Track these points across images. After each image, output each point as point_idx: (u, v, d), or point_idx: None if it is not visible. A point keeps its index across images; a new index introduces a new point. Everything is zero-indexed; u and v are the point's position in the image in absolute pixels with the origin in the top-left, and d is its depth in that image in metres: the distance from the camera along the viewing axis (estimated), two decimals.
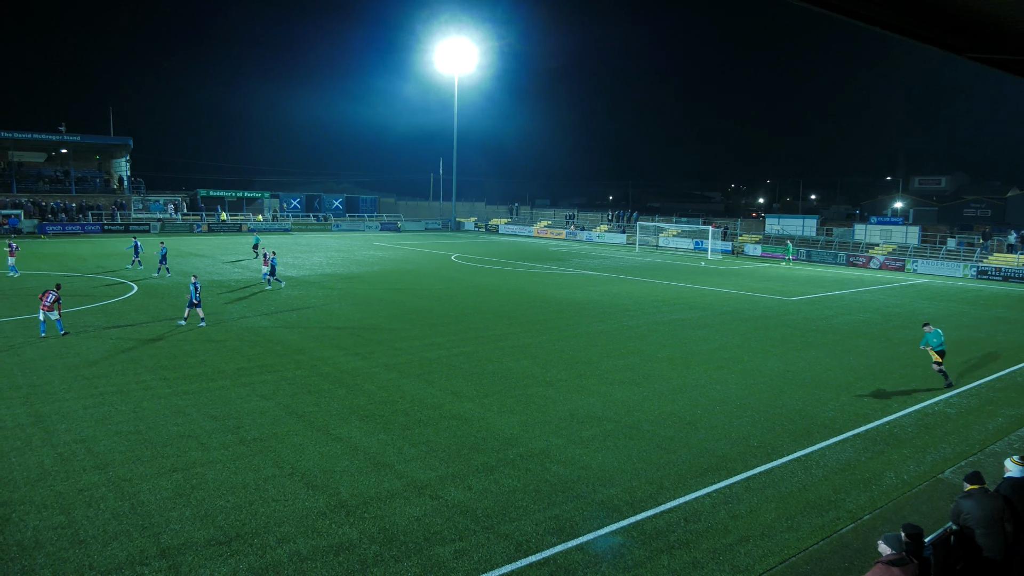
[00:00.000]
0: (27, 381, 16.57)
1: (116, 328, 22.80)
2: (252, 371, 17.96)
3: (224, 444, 12.86)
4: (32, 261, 42.43)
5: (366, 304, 28.91)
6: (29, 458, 12.00)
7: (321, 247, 58.07)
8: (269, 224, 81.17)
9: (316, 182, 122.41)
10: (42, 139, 72.89)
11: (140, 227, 71.12)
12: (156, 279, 34.88)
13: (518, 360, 19.80)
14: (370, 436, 13.44)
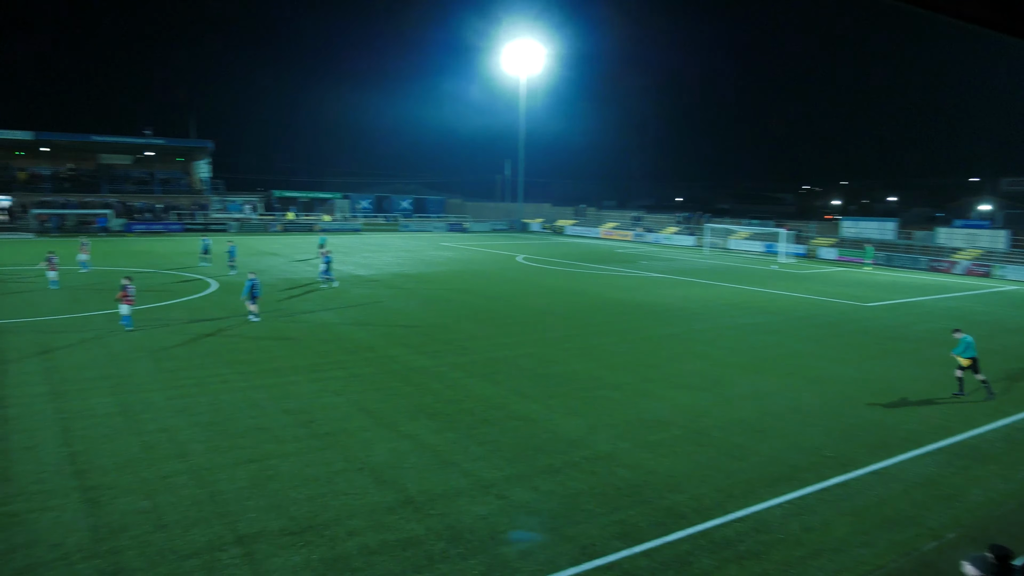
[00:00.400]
0: (115, 372, 17.41)
1: (196, 323, 23.73)
2: (324, 367, 18.42)
3: (297, 437, 13.24)
4: (120, 258, 44.58)
5: (433, 303, 29.27)
6: (117, 445, 12.61)
7: (390, 247, 59.07)
8: (341, 224, 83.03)
9: (385, 183, 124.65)
10: (129, 142, 76.49)
11: (219, 227, 73.78)
12: (234, 277, 36.16)
13: (583, 362, 19.73)
14: (437, 434, 13.61)
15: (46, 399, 15.14)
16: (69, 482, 11.03)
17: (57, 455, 12.08)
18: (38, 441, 12.71)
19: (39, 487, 10.81)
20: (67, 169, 78.91)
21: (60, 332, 21.83)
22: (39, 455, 12.06)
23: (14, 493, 10.57)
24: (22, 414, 14.12)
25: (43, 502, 10.31)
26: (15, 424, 13.54)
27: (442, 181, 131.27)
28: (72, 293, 29.37)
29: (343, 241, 64.45)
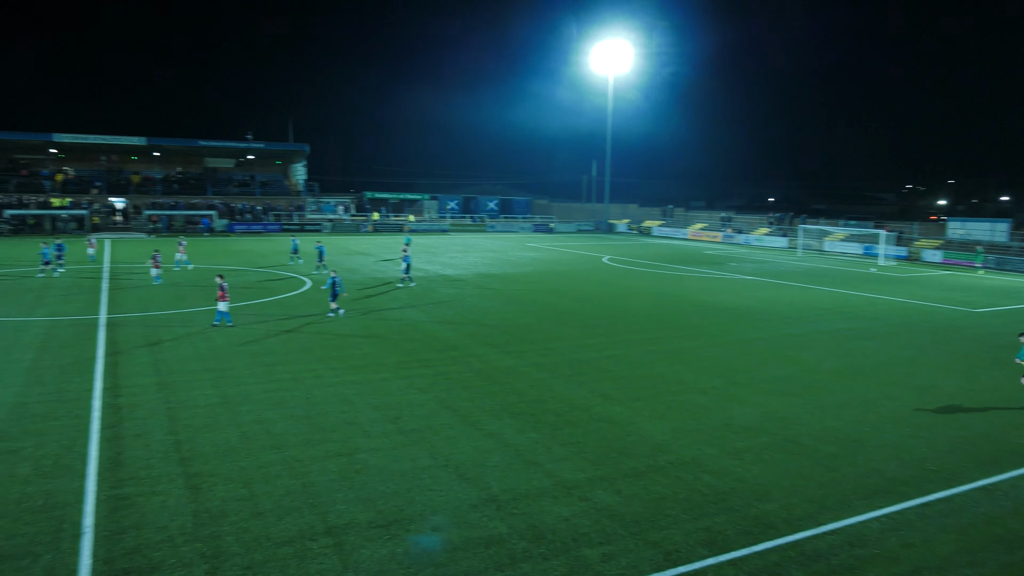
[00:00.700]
0: (217, 365, 18.31)
1: (291, 320, 24.67)
2: (411, 365, 18.80)
3: (384, 433, 13.56)
4: (222, 257, 46.86)
5: (518, 304, 29.41)
6: (217, 435, 13.26)
7: (476, 247, 59.72)
8: (428, 225, 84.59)
9: (473, 184, 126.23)
10: (232, 147, 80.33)
11: (314, 227, 76.47)
12: (325, 276, 37.38)
13: (669, 365, 19.39)
14: (521, 434, 13.66)
15: (154, 389, 16.07)
16: (174, 468, 11.67)
17: (164, 443, 12.81)
18: (147, 429, 13.50)
19: (147, 472, 11.49)
20: (176, 172, 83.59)
21: (166, 326, 23.13)
22: (148, 442, 12.82)
23: (126, 477, 11.27)
24: (133, 403, 15.05)
25: (151, 486, 10.95)
26: (127, 412, 14.44)
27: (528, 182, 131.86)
28: (176, 290, 31.06)
29: (430, 241, 65.62)
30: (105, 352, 19.46)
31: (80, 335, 21.57)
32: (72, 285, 32.35)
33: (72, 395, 15.49)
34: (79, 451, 12.29)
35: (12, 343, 20.29)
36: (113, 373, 17.35)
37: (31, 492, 10.65)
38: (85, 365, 18.03)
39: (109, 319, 24.22)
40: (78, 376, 16.99)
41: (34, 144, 75.26)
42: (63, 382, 16.49)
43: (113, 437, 13.01)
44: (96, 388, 16.03)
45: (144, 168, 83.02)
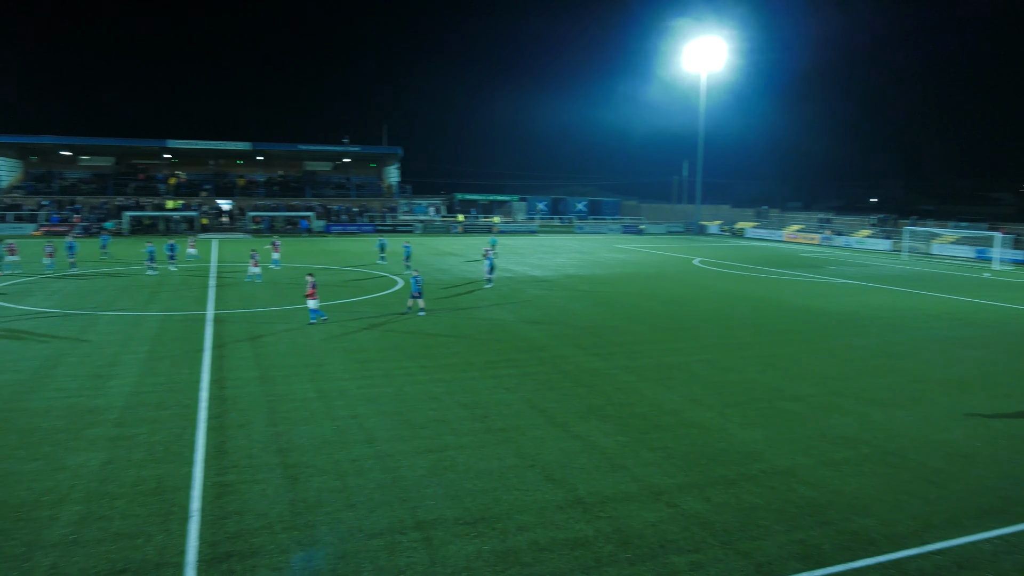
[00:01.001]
0: (314, 361, 19.01)
1: (384, 318, 25.33)
2: (499, 365, 18.96)
3: (472, 431, 13.73)
4: (319, 257, 48.61)
5: (606, 305, 29.20)
6: (313, 428, 13.76)
7: (564, 249, 59.65)
8: (517, 226, 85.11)
9: (561, 186, 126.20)
10: (329, 150, 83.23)
11: (406, 228, 78.26)
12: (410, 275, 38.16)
13: (763, 371, 18.80)
14: (608, 436, 13.56)
15: (256, 382, 16.84)
16: (273, 459, 12.19)
17: (264, 434, 13.40)
18: (249, 420, 14.16)
19: (249, 461, 12.04)
20: (277, 175, 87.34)
21: (267, 322, 24.18)
22: (250, 432, 13.44)
23: (229, 465, 11.86)
24: (237, 395, 15.81)
25: (252, 475, 11.47)
26: (232, 403, 15.19)
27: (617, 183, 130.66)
28: (276, 288, 32.41)
29: (518, 242, 65.99)
30: (212, 346, 20.53)
31: (189, 329, 22.84)
32: (182, 283, 34.29)
33: (182, 386, 16.43)
34: (188, 439, 13.02)
35: (130, 336, 21.69)
36: (219, 366, 18.28)
37: (145, 476, 11.36)
38: (194, 358, 19.08)
39: (216, 315, 25.54)
40: (187, 368, 18.00)
41: (150, 150, 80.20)
42: (174, 373, 17.51)
43: (218, 427, 13.71)
44: (203, 380, 16.95)
45: (248, 172, 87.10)
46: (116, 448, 12.52)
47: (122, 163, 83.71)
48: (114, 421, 13.93)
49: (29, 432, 13.25)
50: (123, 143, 77.51)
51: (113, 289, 31.58)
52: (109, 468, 11.64)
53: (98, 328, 22.83)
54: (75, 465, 11.75)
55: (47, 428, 13.48)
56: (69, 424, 13.71)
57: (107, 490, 10.82)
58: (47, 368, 17.80)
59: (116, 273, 37.44)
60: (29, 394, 15.61)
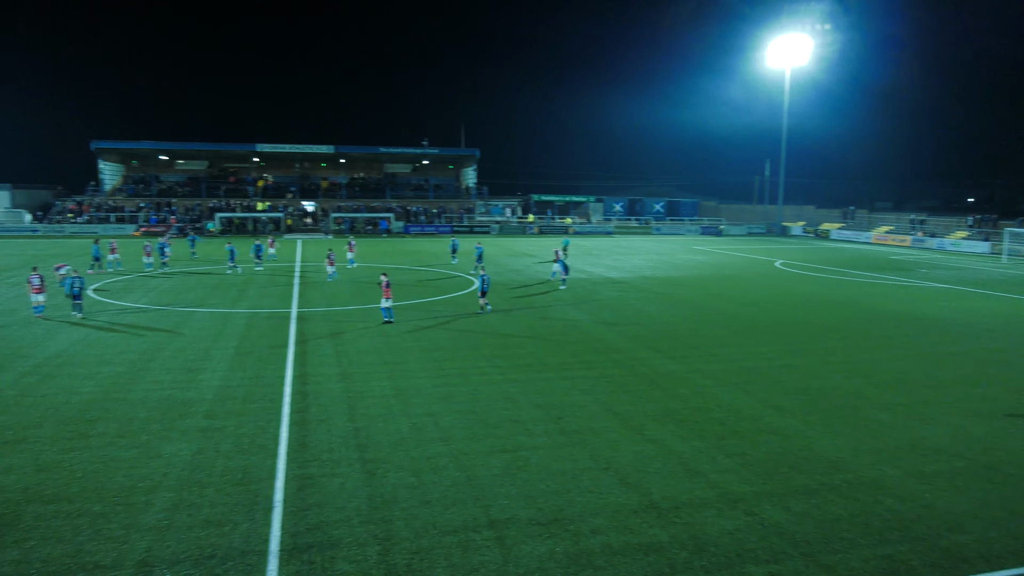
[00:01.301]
0: (391, 359, 19.41)
1: (460, 318, 25.62)
2: (573, 366, 18.90)
3: (547, 432, 13.73)
4: (397, 257, 49.60)
5: (683, 308, 28.72)
6: (391, 424, 14.05)
7: (641, 250, 59.00)
8: (593, 227, 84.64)
9: (638, 186, 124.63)
10: (409, 152, 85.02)
11: (482, 229, 78.96)
12: (491, 276, 38.45)
13: (848, 377, 18.10)
14: (683, 441, 13.32)
15: (336, 379, 17.32)
16: (352, 454, 12.50)
17: (344, 429, 13.76)
18: (330, 415, 14.58)
19: (329, 455, 12.40)
20: (359, 177, 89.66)
21: (347, 320, 24.83)
22: (330, 427, 13.83)
23: (310, 459, 12.24)
24: (319, 391, 16.30)
25: (332, 469, 11.80)
26: (313, 399, 15.67)
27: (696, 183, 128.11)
28: (356, 287, 33.23)
29: (594, 243, 65.62)
30: (295, 342, 21.24)
31: (275, 327, 23.69)
32: (268, 282, 35.61)
33: (267, 381, 17.06)
34: (272, 432, 13.50)
35: (219, 332, 22.67)
36: (302, 362, 18.89)
37: (232, 466, 11.85)
38: (278, 354, 19.78)
39: (299, 312, 26.41)
40: (272, 364, 18.68)
41: (240, 154, 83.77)
42: (260, 369, 18.19)
43: (300, 421, 14.17)
44: (287, 375, 17.55)
45: (331, 174, 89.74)
46: (206, 439, 13.11)
47: (215, 167, 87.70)
48: (204, 413, 14.59)
49: (128, 421, 14.03)
50: (216, 147, 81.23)
51: (204, 287, 33.08)
52: (199, 458, 12.20)
53: (191, 324, 23.95)
54: (168, 454, 12.36)
55: (144, 418, 14.23)
56: (163, 415, 14.44)
57: (197, 479, 11.33)
58: (144, 361, 18.79)
59: (207, 272, 39.21)
60: (128, 385, 16.52)
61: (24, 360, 18.79)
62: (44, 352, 19.72)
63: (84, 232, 69.09)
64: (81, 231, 70.10)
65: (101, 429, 13.58)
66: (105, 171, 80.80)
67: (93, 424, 13.85)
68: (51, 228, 70.99)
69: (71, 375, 17.37)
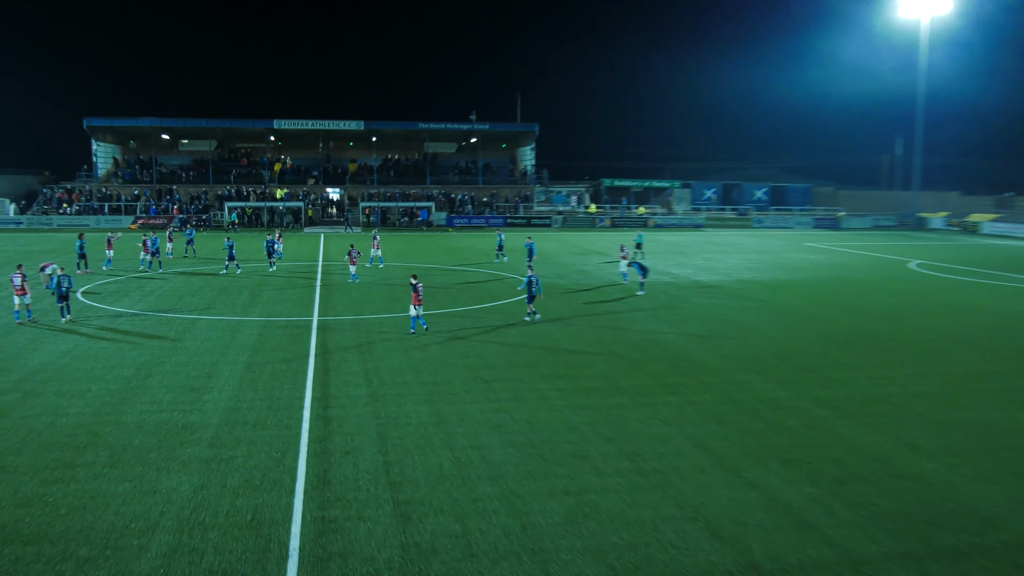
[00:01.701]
0: (431, 378, 19.54)
1: (515, 329, 25.65)
2: (653, 390, 18.71)
3: (620, 471, 13.59)
4: (438, 255, 50.02)
5: (792, 319, 28.21)
6: (429, 458, 14.11)
7: (738, 247, 58.29)
8: (678, 218, 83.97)
9: (735, 168, 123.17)
10: (454, 129, 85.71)
11: (541, 221, 79.14)
12: (553, 279, 38.40)
13: (1004, 409, 17.46)
14: (792, 486, 13.03)
15: (365, 402, 17.50)
16: (383, 493, 12.59)
17: (373, 462, 13.88)
18: (356, 445, 14.73)
19: (355, 495, 12.51)
20: (393, 159, 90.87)
21: (378, 331, 25.11)
22: (357, 460, 13.97)
23: (333, 498, 12.37)
24: (343, 416, 16.50)
25: (359, 511, 11.91)
26: (336, 425, 15.86)
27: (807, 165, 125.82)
28: (390, 291, 33.61)
29: (680, 239, 65.05)
30: (316, 357, 21.57)
31: (292, 338, 24.12)
32: (285, 284, 36.30)
33: (283, 403, 17.35)
34: (288, 465, 13.71)
35: (228, 344, 23.19)
36: (323, 381, 19.17)
37: (240, 505, 12.06)
38: (296, 371, 20.11)
39: (321, 321, 26.83)
40: (289, 382, 19.00)
41: (254, 132, 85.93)
42: (274, 388, 18.52)
43: (322, 452, 14.35)
44: (307, 397, 17.82)
45: (361, 155, 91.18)
46: (210, 471, 13.38)
47: (224, 147, 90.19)
48: (209, 440, 14.91)
49: (120, 449, 14.43)
50: (226, 124, 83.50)
51: (210, 291, 33.93)
52: (203, 494, 12.45)
53: (194, 334, 24.57)
54: (167, 489, 12.65)
55: (139, 445, 14.62)
56: (162, 442, 14.81)
57: (200, 519, 11.57)
58: (140, 378, 19.33)
59: (212, 272, 40.20)
60: (121, 406, 17.01)
61: (3, 375, 19.54)
62: (26, 366, 20.48)
63: (74, 224, 71.85)
64: (71, 223, 72.90)
65: (90, 458, 14.00)
66: (99, 153, 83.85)
67: (81, 451, 14.29)
68: (37, 220, 74.02)
69: (57, 393, 17.99)
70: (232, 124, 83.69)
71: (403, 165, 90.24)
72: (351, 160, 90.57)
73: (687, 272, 41.87)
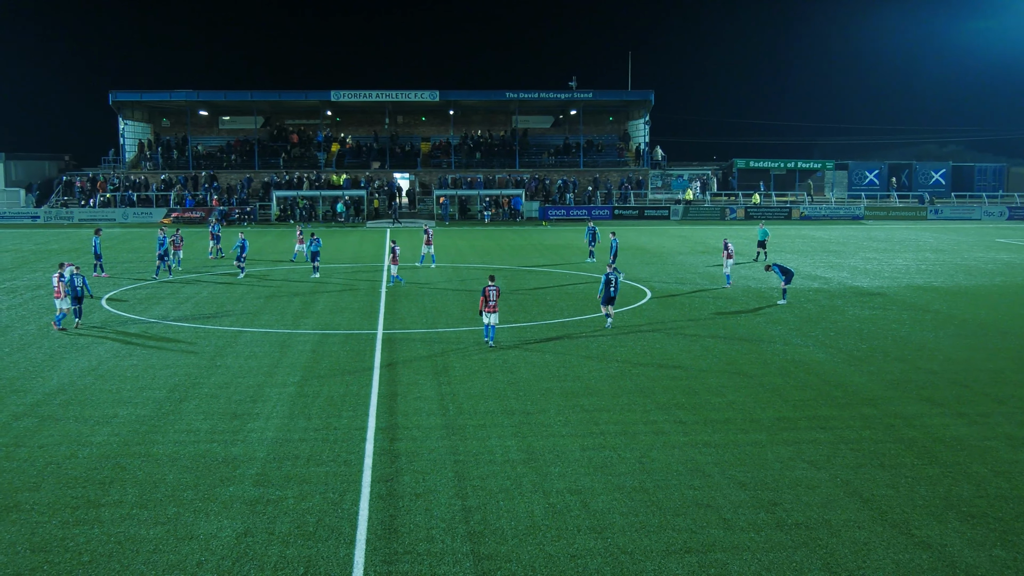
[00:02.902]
0: (520, 407, 19.67)
1: (623, 348, 25.59)
2: (798, 424, 18.44)
3: (754, 525, 13.44)
4: (528, 254, 50.18)
5: (979, 337, 27.51)
6: (518, 504, 14.20)
7: (908, 244, 57.01)
8: (830, 208, 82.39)
9: (905, 145, 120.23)
10: (549, 99, 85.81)
11: (657, 211, 78.66)
12: (672, 284, 38.13)
13: None
14: (977, 549, 12.69)
15: (439, 434, 17.73)
16: (461, 546, 12.73)
17: (449, 508, 14.05)
18: (429, 487, 14.93)
19: (428, 546, 12.69)
20: (475, 137, 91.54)
21: (456, 347, 25.41)
22: (430, 505, 14.16)
23: (401, 550, 12.57)
24: (413, 450, 16.75)
25: (432, 567, 12.07)
26: (406, 462, 16.11)
27: (1000, 139, 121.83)
28: (470, 297, 33.89)
29: (833, 233, 63.79)
30: (380, 379, 21.96)
31: (352, 354, 24.62)
32: (343, 288, 37.04)
33: (341, 434, 17.73)
34: (348, 509, 13.99)
35: (276, 362, 23.83)
36: (390, 408, 19.51)
37: (291, 556, 12.37)
38: (358, 395, 20.52)
39: (386, 335, 27.29)
40: (349, 409, 19.40)
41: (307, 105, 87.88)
42: (331, 416, 18.95)
43: (387, 494, 14.60)
44: (369, 427, 18.16)
45: (436, 132, 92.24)
46: (256, 515, 13.77)
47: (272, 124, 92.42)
48: (254, 478, 15.34)
49: (151, 486, 14.98)
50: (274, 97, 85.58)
51: (256, 296, 34.93)
52: (247, 542, 12.82)
53: (237, 349, 25.34)
54: (205, 535, 13.07)
55: (172, 482, 15.15)
56: (199, 479, 15.31)
57: (243, 572, 11.91)
58: (173, 402, 20.04)
59: (265, 274, 41.28)
60: (152, 435, 17.67)
61: (19, 396, 20.53)
62: (44, 386, 21.46)
63: (98, 219, 74.71)
64: (93, 217, 75.85)
65: (116, 496, 14.58)
66: (127, 134, 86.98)
67: (106, 488, 14.90)
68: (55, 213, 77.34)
69: (79, 418, 18.80)
70: (281, 96, 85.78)
71: (487, 143, 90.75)
72: (423, 138, 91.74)
73: (842, 276, 41.08)
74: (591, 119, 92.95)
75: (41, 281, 38.67)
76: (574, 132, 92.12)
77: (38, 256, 49.22)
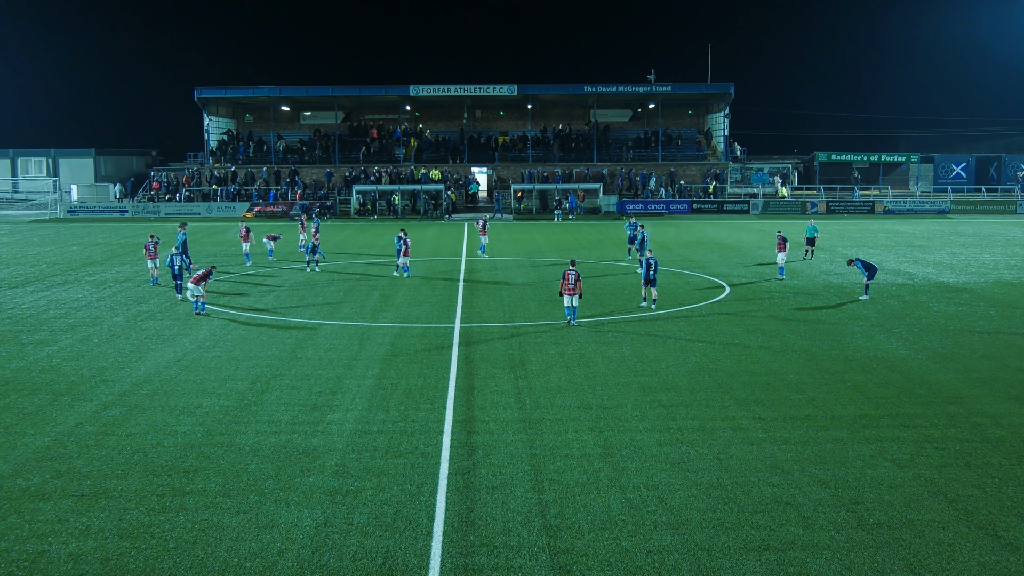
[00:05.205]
0: (597, 401, 19.65)
1: (700, 343, 25.39)
2: (880, 421, 18.14)
3: (835, 523, 13.25)
4: (606, 249, 50.03)
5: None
6: (594, 499, 14.19)
7: (998, 239, 55.74)
8: (914, 202, 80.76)
9: (994, 136, 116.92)
10: (627, 92, 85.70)
11: (737, 206, 77.83)
12: (751, 279, 37.70)
13: None
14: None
15: (516, 427, 17.81)
16: (537, 539, 12.77)
17: (526, 501, 14.10)
18: (506, 480, 15.00)
19: (504, 539, 12.75)
20: (554, 131, 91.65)
21: (534, 341, 25.46)
22: (506, 498, 14.23)
23: (478, 543, 12.65)
24: (490, 444, 16.86)
25: (508, 560, 12.13)
26: (482, 455, 16.21)
27: None
28: (549, 289, 33.93)
29: (918, 228, 62.60)
30: (458, 372, 22.13)
31: (430, 347, 24.85)
32: (422, 282, 37.35)
33: (419, 426, 17.91)
34: (425, 501, 14.13)
35: (355, 355, 24.14)
36: (467, 401, 19.65)
37: (369, 547, 12.53)
38: (435, 389, 20.71)
39: (464, 329, 27.47)
40: (427, 402, 19.59)
41: (387, 100, 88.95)
42: (409, 408, 19.15)
43: (464, 487, 14.71)
44: (447, 419, 18.32)
45: (514, 127, 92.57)
46: (335, 505, 13.98)
47: (353, 119, 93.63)
48: (333, 469, 15.58)
49: (234, 475, 15.30)
50: (355, 92, 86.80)
51: (336, 289, 35.41)
52: (326, 532, 13.03)
53: (317, 342, 25.73)
54: (286, 524, 13.32)
55: (254, 472, 15.45)
56: (280, 468, 15.60)
57: (323, 561, 12.11)
58: (256, 393, 20.44)
59: (342, 269, 41.84)
60: (235, 425, 18.05)
61: (107, 386, 21.13)
62: (132, 376, 22.05)
63: (183, 213, 76.45)
64: (179, 211, 77.64)
65: (200, 484, 14.93)
66: (211, 129, 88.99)
67: (191, 476, 15.27)
68: (143, 208, 79.32)
69: (164, 408, 19.29)
70: (362, 92, 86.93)
71: (566, 136, 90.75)
72: (501, 133, 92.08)
73: (927, 271, 40.24)
74: (670, 112, 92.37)
75: (129, 274, 39.75)
76: (652, 125, 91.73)
77: (126, 250, 50.47)
